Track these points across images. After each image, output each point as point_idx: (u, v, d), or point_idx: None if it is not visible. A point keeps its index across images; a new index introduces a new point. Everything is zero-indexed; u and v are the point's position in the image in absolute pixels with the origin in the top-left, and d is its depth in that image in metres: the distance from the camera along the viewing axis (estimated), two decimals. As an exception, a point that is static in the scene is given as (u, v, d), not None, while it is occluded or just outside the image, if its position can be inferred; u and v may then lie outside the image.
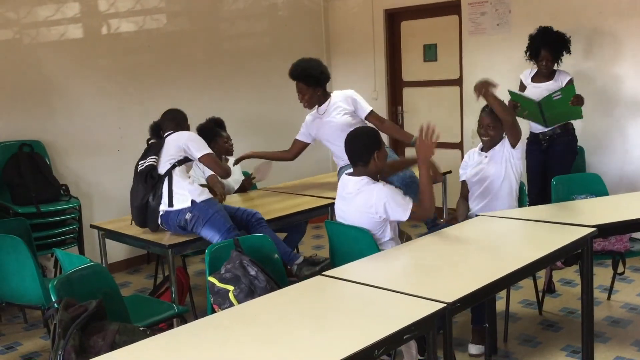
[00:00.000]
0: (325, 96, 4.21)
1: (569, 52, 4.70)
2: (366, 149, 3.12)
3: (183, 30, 5.66)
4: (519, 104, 4.43)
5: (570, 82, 4.60)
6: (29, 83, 4.75)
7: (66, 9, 4.92)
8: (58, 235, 4.47)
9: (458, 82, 5.98)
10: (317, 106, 4.24)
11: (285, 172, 5.23)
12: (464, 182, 3.88)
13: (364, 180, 3.12)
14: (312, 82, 4.14)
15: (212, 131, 4.48)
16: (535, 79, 4.74)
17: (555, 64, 4.69)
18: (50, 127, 4.84)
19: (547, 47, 4.58)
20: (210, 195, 3.60)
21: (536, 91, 4.58)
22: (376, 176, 3.17)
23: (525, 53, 4.76)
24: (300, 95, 4.19)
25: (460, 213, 3.74)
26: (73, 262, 2.91)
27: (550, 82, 4.65)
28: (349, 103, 4.17)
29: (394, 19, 6.44)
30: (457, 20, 5.89)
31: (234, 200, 4.22)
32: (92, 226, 3.90)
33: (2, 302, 3.42)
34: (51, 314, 2.41)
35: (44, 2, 4.80)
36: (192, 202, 3.46)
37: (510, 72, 5.56)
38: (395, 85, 6.53)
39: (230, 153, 4.57)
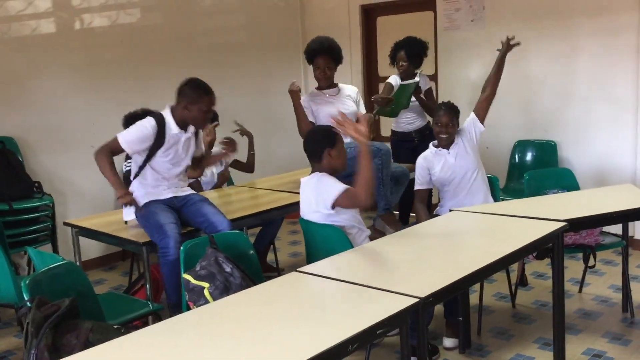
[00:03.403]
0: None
1: (424, 55, 5.01)
2: (318, 147, 3.16)
3: (157, 24, 5.61)
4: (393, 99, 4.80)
5: (430, 89, 5.12)
6: (0, 79, 4.68)
7: (38, 3, 4.85)
8: (31, 232, 4.42)
9: (433, 77, 6.02)
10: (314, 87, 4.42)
11: (260, 168, 5.23)
12: (420, 190, 3.91)
13: (313, 178, 3.16)
14: (338, 61, 4.34)
15: None
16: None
17: (416, 69, 4.99)
18: (23, 124, 4.77)
19: (402, 50, 4.94)
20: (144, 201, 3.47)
21: None
22: (333, 173, 3.17)
23: (389, 60, 5.13)
24: (327, 70, 4.32)
25: (420, 219, 3.76)
26: (45, 260, 2.89)
27: None
28: (356, 99, 4.47)
29: (370, 14, 6.45)
30: (432, 16, 5.93)
31: (211, 196, 4.20)
32: (65, 224, 3.86)
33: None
34: (24, 312, 2.39)
35: (14, -4, 4.74)
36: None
37: (484, 68, 5.63)
38: (372, 81, 6.55)
39: None
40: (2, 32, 4.69)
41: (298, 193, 4.10)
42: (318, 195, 3.08)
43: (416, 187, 3.94)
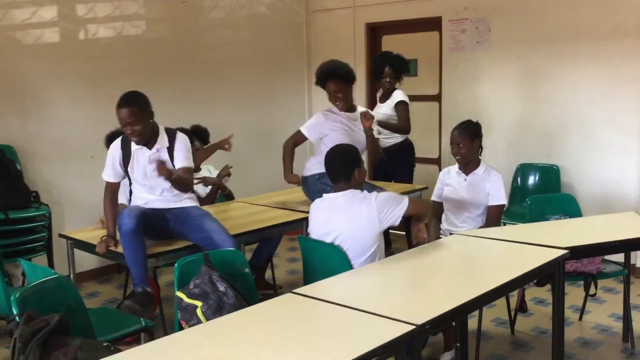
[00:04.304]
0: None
1: (408, 72, 5.28)
2: (347, 167, 3.15)
3: (162, 37, 5.60)
4: None
5: (400, 102, 5.12)
6: (2, 86, 4.66)
7: (43, 12, 4.85)
8: (27, 242, 4.37)
9: (437, 97, 6.00)
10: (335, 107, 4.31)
11: (259, 184, 5.20)
12: (436, 202, 3.87)
13: (354, 192, 3.13)
14: (349, 82, 4.27)
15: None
16: (380, 99, 5.32)
17: (397, 83, 5.23)
18: (23, 132, 4.75)
19: (389, 65, 5.13)
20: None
21: (378, 110, 5.22)
22: (359, 188, 3.19)
23: (372, 75, 5.34)
24: (338, 94, 4.21)
25: (431, 233, 3.73)
26: (38, 273, 2.85)
27: (388, 101, 5.21)
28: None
29: (375, 33, 6.45)
30: (438, 37, 5.92)
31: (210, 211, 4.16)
32: (60, 235, 3.82)
33: (-37, 312, 3.32)
34: (11, 327, 2.34)
35: (20, 4, 4.72)
36: None
37: (489, 90, 5.62)
38: (375, 99, 6.52)
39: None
40: (6, 40, 4.68)
41: (297, 211, 4.11)
42: (380, 211, 3.04)
43: (432, 198, 3.92)
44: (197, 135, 4.66)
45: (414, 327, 2.14)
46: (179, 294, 2.68)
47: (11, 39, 4.72)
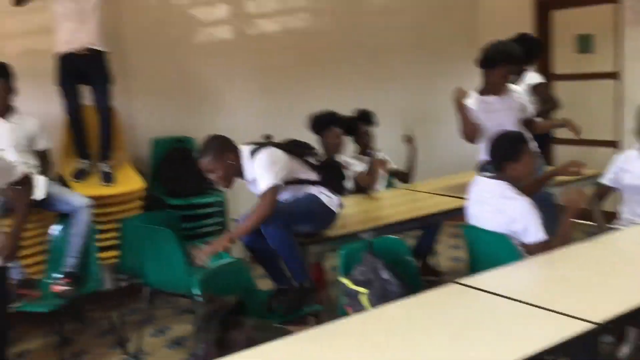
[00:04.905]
0: None
1: (538, 54, 4.92)
2: (500, 158, 2.98)
3: (326, 28, 5.71)
4: None
5: (538, 85, 4.61)
6: (183, 83, 5.05)
7: (216, 11, 5.18)
8: (205, 226, 4.72)
9: (614, 75, 5.52)
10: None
11: (428, 169, 5.13)
12: (604, 185, 3.60)
13: (502, 185, 2.97)
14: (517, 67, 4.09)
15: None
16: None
17: (527, 67, 4.76)
18: (199, 124, 5.08)
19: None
20: None
21: None
22: (517, 184, 2.99)
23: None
24: (504, 79, 3.94)
25: (596, 218, 3.50)
26: (218, 256, 3.06)
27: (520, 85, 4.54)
28: (519, 105, 4.01)
29: (545, 8, 6.08)
30: (615, 9, 5.43)
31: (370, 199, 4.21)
32: (234, 220, 4.07)
33: (152, 290, 3.67)
34: (196, 307, 2.55)
35: (196, 5, 5.08)
36: None
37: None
38: (546, 79, 6.15)
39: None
40: (185, 39, 5.06)
41: (460, 197, 3.99)
42: (514, 219, 2.89)
43: (602, 180, 3.63)
44: (364, 118, 4.72)
45: (594, 325, 2.00)
46: (344, 280, 2.74)
47: (190, 38, 5.10)
